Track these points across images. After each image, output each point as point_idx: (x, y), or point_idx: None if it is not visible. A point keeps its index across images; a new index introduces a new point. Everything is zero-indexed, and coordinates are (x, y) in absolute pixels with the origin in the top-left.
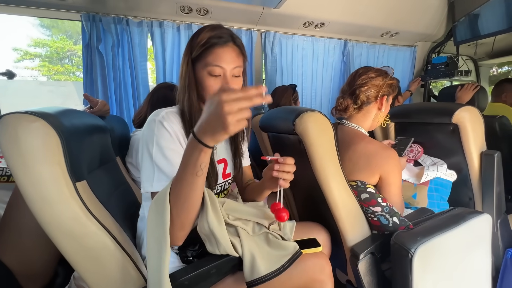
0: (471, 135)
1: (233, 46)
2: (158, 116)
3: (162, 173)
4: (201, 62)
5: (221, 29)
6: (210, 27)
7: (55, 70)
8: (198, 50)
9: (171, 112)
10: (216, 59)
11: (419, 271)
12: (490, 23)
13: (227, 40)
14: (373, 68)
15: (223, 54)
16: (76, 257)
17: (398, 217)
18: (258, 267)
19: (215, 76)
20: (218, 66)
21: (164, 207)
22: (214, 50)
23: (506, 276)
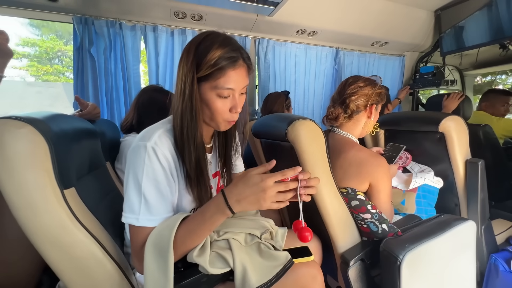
0: (456, 144)
1: (243, 65)
2: (149, 141)
3: (150, 208)
4: (209, 83)
5: (231, 45)
6: (217, 41)
7: (44, 71)
8: (206, 70)
9: (163, 133)
10: (227, 81)
11: (407, 278)
12: (474, 36)
13: (237, 58)
14: (362, 77)
15: (235, 76)
16: (62, 266)
17: (387, 224)
18: (250, 279)
19: (224, 98)
20: (229, 89)
21: (168, 255)
22: (226, 72)
23: (491, 281)
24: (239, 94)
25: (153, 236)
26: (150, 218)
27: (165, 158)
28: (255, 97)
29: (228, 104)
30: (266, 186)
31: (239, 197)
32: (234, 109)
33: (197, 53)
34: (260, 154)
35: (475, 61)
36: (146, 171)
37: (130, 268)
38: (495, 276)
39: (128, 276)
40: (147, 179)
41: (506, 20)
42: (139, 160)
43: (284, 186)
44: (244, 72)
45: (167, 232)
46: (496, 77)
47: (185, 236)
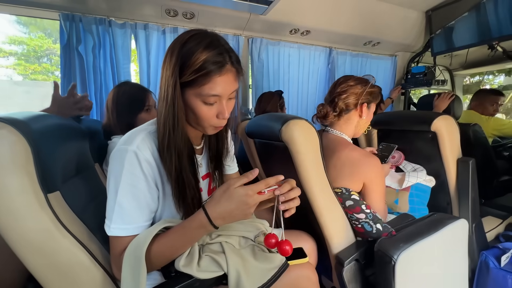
0: (447, 143)
1: (231, 69)
2: (131, 145)
3: (124, 216)
4: (193, 89)
5: (218, 47)
6: (203, 43)
7: (32, 69)
8: (190, 75)
9: (147, 136)
10: (213, 88)
11: (402, 277)
12: (464, 37)
13: (225, 62)
14: (353, 76)
15: (221, 82)
16: (46, 275)
17: (381, 224)
18: (243, 283)
19: (210, 104)
20: (215, 96)
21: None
22: (211, 78)
23: (481, 278)
24: (226, 100)
25: (132, 246)
26: (122, 227)
27: (148, 163)
28: (249, 96)
29: (214, 111)
30: (249, 199)
31: (223, 213)
32: (221, 116)
33: (181, 55)
34: (254, 154)
35: (464, 62)
36: (125, 176)
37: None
38: (485, 273)
39: (117, 283)
40: (125, 185)
41: (494, 21)
42: (119, 165)
43: (268, 196)
44: (231, 77)
45: (142, 243)
46: (483, 78)
47: (164, 248)
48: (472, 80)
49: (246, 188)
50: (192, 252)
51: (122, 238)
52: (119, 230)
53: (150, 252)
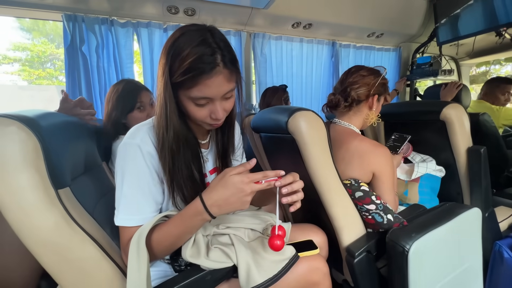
0: (458, 131)
1: (223, 70)
2: (135, 138)
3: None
4: (183, 90)
5: (208, 46)
6: (192, 42)
7: (36, 75)
8: (178, 77)
9: (150, 130)
10: (202, 91)
11: (415, 266)
12: (470, 24)
13: (215, 64)
14: (365, 67)
15: (211, 85)
16: (58, 269)
17: (392, 214)
18: (254, 275)
19: (201, 105)
20: (204, 98)
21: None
22: (199, 81)
23: (496, 268)
24: (221, 100)
25: (136, 236)
26: (128, 217)
27: (151, 156)
28: (252, 92)
29: (207, 111)
30: (245, 186)
31: (218, 201)
32: (214, 115)
33: (170, 55)
34: (260, 149)
35: (471, 50)
36: (130, 169)
37: None
38: (499, 263)
39: None
40: (130, 178)
41: (501, 8)
42: (125, 158)
43: (266, 186)
44: (223, 79)
45: (143, 232)
46: (490, 68)
47: (163, 236)
48: (478, 70)
49: (241, 175)
50: (197, 242)
51: (129, 228)
52: (125, 220)
53: (151, 240)
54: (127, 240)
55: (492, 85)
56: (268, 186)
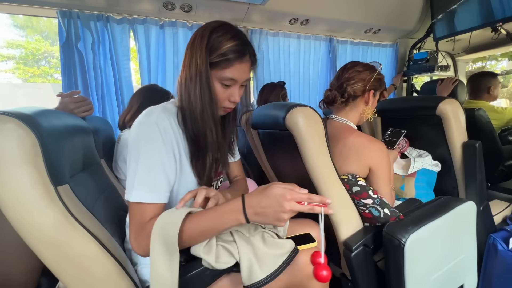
0: (454, 126)
1: (249, 60)
2: (151, 116)
3: (145, 182)
4: (215, 70)
5: (241, 39)
6: (230, 33)
7: (31, 73)
8: (216, 58)
9: (166, 111)
10: (232, 73)
11: (411, 259)
12: (467, 20)
13: (245, 53)
14: (361, 63)
15: (240, 69)
16: (59, 266)
17: (389, 208)
18: (256, 271)
19: (226, 86)
20: (232, 80)
21: (174, 253)
22: (233, 64)
23: (490, 260)
24: (239, 86)
25: (159, 228)
26: (144, 194)
27: (167, 133)
28: (251, 89)
29: (228, 93)
30: (285, 202)
31: (256, 207)
32: (233, 98)
33: (211, 39)
34: (258, 145)
35: (467, 46)
36: (147, 145)
37: (130, 264)
38: (494, 256)
39: (129, 272)
40: (147, 154)
41: (497, 3)
42: (142, 135)
43: (307, 209)
44: (248, 67)
45: (173, 227)
46: (486, 63)
47: (193, 233)
48: (474, 66)
49: (285, 190)
50: (210, 242)
51: (143, 206)
52: (141, 196)
53: (182, 230)
54: (140, 219)
55: (475, 82)
56: (310, 210)
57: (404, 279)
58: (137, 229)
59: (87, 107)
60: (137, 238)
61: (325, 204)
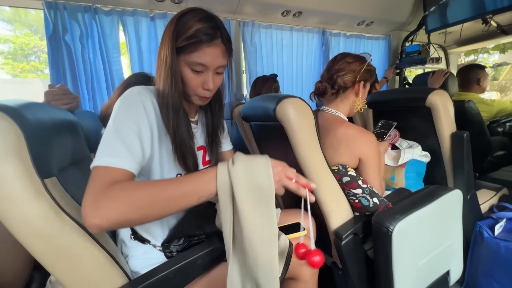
0: (443, 117)
1: (221, 44)
2: (132, 91)
3: (118, 148)
4: (183, 54)
5: (211, 21)
6: (199, 15)
7: (21, 68)
8: (183, 41)
9: (148, 89)
10: (201, 57)
11: (398, 246)
12: (458, 12)
13: (215, 36)
14: (351, 54)
15: (209, 53)
16: (49, 258)
17: (378, 198)
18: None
19: (196, 72)
20: (201, 65)
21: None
22: (200, 47)
23: (476, 247)
24: (213, 73)
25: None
26: (116, 159)
27: (149, 106)
28: (243, 82)
29: (200, 80)
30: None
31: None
32: (206, 85)
33: (179, 23)
34: (250, 138)
35: (459, 38)
36: (127, 112)
37: (122, 256)
38: (480, 242)
39: (120, 263)
40: (125, 121)
41: None
42: (122, 105)
43: (294, 187)
44: (220, 52)
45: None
46: (478, 56)
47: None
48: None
49: (277, 162)
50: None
51: (111, 169)
52: (111, 160)
53: (145, 189)
54: (104, 179)
55: (465, 74)
56: (296, 189)
57: (392, 266)
58: (98, 190)
59: (67, 100)
60: (96, 200)
61: (310, 187)
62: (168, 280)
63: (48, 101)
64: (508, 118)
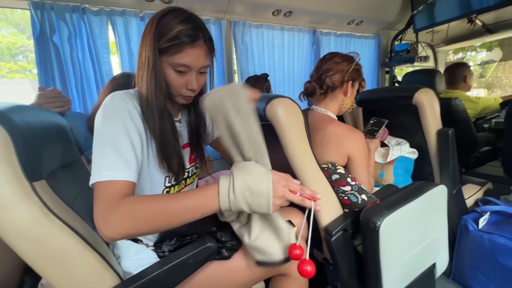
0: (429, 115)
1: (203, 45)
2: (114, 99)
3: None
4: (166, 56)
5: (192, 22)
6: (181, 16)
7: (8, 68)
8: (165, 43)
9: (129, 94)
10: (184, 58)
11: (386, 241)
12: (444, 11)
13: (197, 37)
14: (339, 54)
15: (192, 53)
16: (39, 261)
17: (366, 194)
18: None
19: (180, 73)
20: (185, 66)
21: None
22: (183, 48)
23: (462, 240)
24: (197, 73)
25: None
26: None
27: (133, 113)
28: (235, 81)
29: (184, 81)
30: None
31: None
32: (190, 85)
33: (160, 24)
34: None
35: (445, 37)
36: (115, 124)
37: (114, 257)
38: (465, 235)
39: (112, 265)
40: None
41: None
42: (108, 116)
43: (298, 200)
44: (203, 52)
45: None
46: (466, 54)
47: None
48: (456, 57)
49: (280, 176)
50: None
51: (115, 183)
52: (112, 174)
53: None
54: (111, 195)
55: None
56: (301, 202)
57: (379, 260)
58: (106, 207)
59: (60, 103)
60: (108, 217)
61: (315, 199)
62: (160, 279)
63: (40, 103)
64: (493, 114)
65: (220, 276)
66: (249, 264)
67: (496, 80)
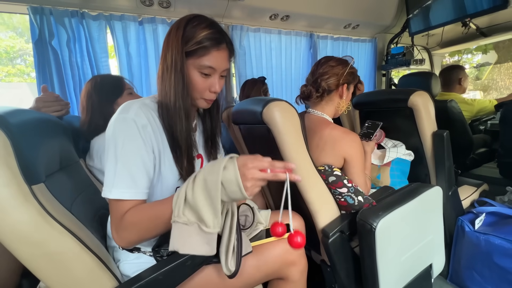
0: (424, 117)
1: (226, 48)
2: (128, 113)
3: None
4: (193, 59)
5: (216, 27)
6: (205, 22)
7: (6, 72)
8: (192, 46)
9: (143, 106)
10: (210, 61)
11: (382, 242)
12: (439, 15)
13: (222, 41)
14: (334, 57)
15: (218, 56)
16: (38, 265)
17: (363, 196)
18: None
19: (205, 75)
20: (211, 68)
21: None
22: (210, 51)
23: (459, 241)
24: (219, 76)
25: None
26: (125, 190)
27: (145, 129)
28: (233, 85)
29: (208, 83)
30: (247, 171)
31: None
32: (213, 88)
33: (186, 29)
34: (240, 140)
35: (440, 40)
36: (126, 142)
37: (113, 260)
38: (462, 236)
39: (111, 268)
40: (126, 151)
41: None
42: (119, 132)
43: (271, 177)
44: (226, 55)
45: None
46: (461, 57)
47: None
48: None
49: (247, 158)
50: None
51: (123, 202)
52: (121, 193)
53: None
54: (121, 214)
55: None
56: (274, 177)
57: (376, 261)
58: (117, 223)
59: (58, 107)
60: (118, 231)
61: (290, 170)
62: (158, 281)
63: (38, 107)
64: (488, 116)
65: (217, 280)
66: (246, 268)
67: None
